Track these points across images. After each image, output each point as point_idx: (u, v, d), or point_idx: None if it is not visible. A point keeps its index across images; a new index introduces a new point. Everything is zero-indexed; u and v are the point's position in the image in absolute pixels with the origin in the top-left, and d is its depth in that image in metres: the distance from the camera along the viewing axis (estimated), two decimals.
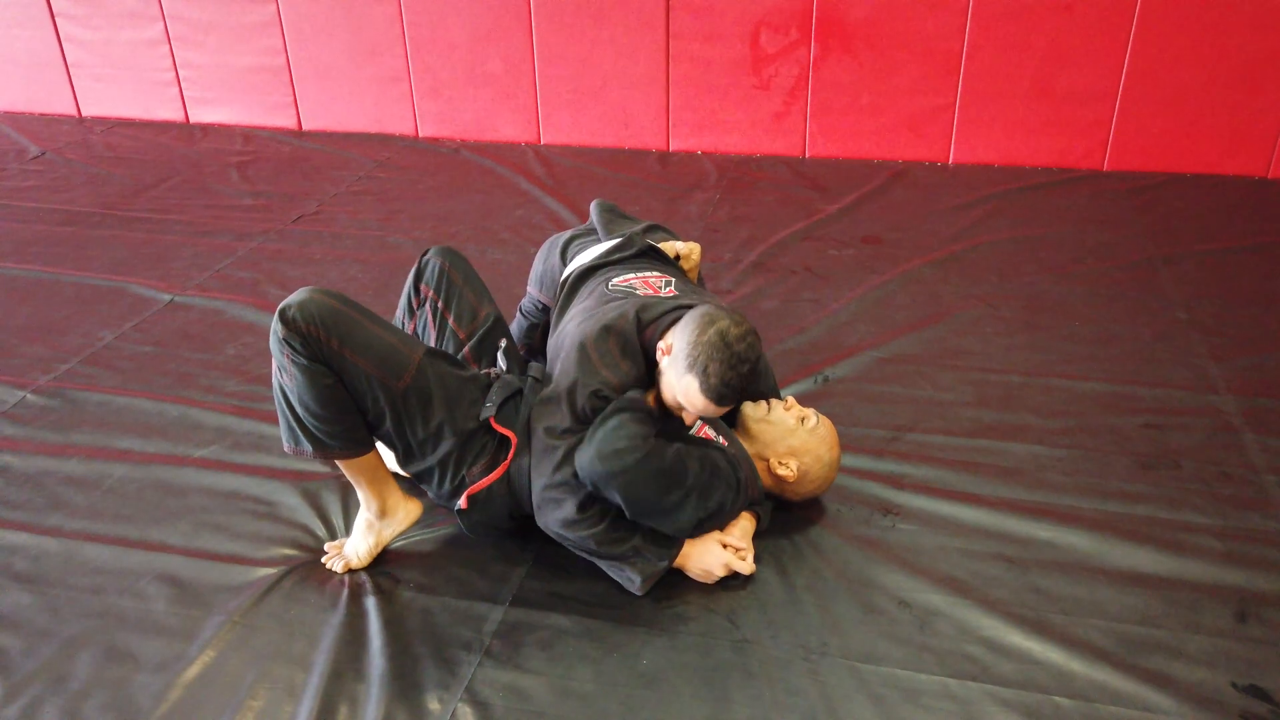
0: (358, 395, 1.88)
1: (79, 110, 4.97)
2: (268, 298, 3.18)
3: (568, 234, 2.42)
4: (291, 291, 3.14)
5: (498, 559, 2.07)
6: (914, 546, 2.08)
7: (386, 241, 3.60)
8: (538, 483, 1.91)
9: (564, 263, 2.33)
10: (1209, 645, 1.82)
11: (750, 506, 2.07)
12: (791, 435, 2.05)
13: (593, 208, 2.41)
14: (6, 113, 5.05)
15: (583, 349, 1.92)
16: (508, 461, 1.96)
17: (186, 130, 4.78)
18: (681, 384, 1.84)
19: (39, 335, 2.98)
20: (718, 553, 1.96)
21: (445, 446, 1.94)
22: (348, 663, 1.83)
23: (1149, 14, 3.73)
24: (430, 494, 2.05)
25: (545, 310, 2.44)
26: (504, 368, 2.10)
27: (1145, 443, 2.39)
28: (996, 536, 2.10)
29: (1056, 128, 4.00)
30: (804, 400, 2.50)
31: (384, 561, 2.07)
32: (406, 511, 2.05)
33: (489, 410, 1.95)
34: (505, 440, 1.98)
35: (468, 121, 4.55)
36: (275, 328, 1.82)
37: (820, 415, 2.11)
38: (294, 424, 1.88)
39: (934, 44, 3.95)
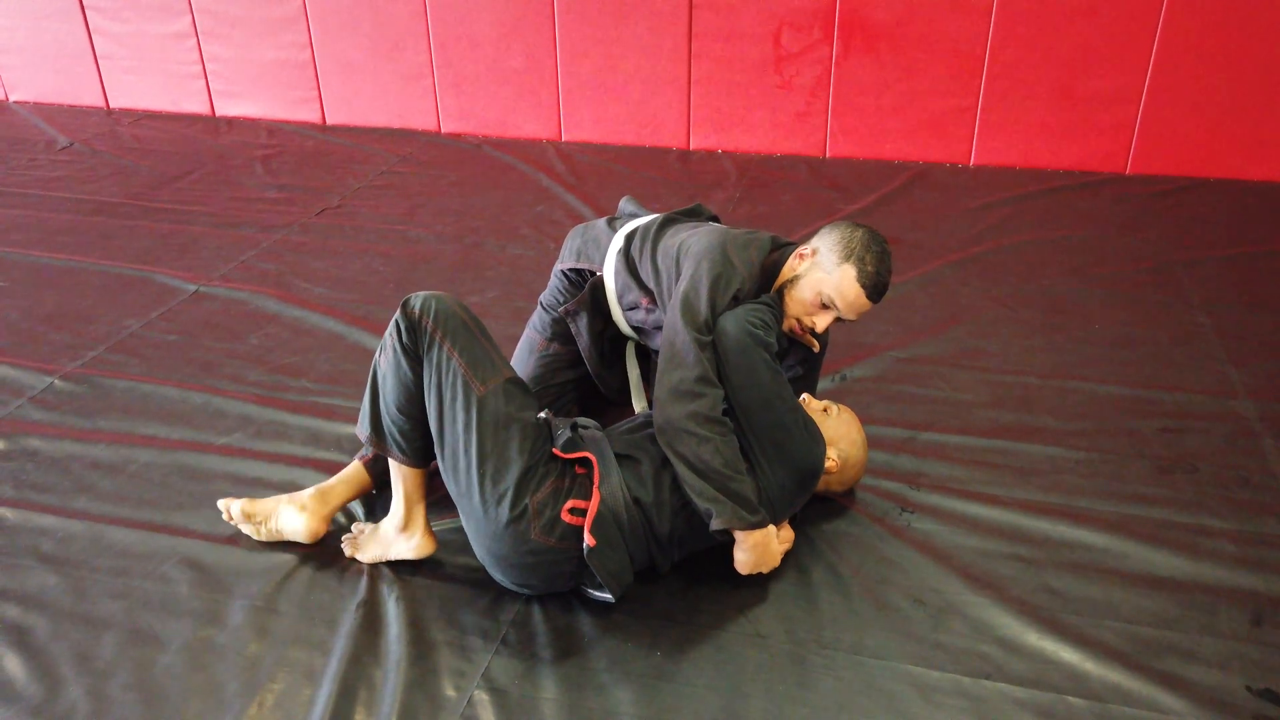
0: (441, 390, 1.84)
1: (107, 102, 5.03)
2: (291, 289, 3.21)
3: (604, 218, 2.41)
4: (314, 282, 3.23)
5: None
6: (929, 545, 2.08)
7: (408, 236, 3.63)
8: (680, 373, 1.87)
9: (612, 231, 2.29)
10: (1224, 648, 1.82)
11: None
12: (824, 424, 2.07)
13: (623, 200, 2.46)
14: (36, 103, 5.12)
15: (724, 252, 1.98)
16: (596, 483, 1.85)
17: (212, 123, 4.83)
18: (834, 276, 1.97)
19: (67, 322, 3.03)
20: (776, 550, 1.95)
21: (508, 469, 1.81)
22: (366, 648, 1.85)
23: (1174, 17, 3.72)
24: (480, 525, 1.86)
25: (579, 284, 2.35)
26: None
27: (1163, 446, 2.38)
28: (1012, 536, 2.10)
29: (1079, 130, 3.99)
30: (823, 399, 2.50)
31: None
32: (421, 544, 2.01)
33: (564, 435, 1.90)
34: (568, 467, 1.89)
35: (490, 117, 4.57)
36: (396, 314, 1.90)
37: (836, 403, 2.16)
38: (371, 407, 1.96)
39: (957, 45, 3.94)
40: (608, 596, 1.91)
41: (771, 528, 1.93)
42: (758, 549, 1.91)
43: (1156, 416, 2.49)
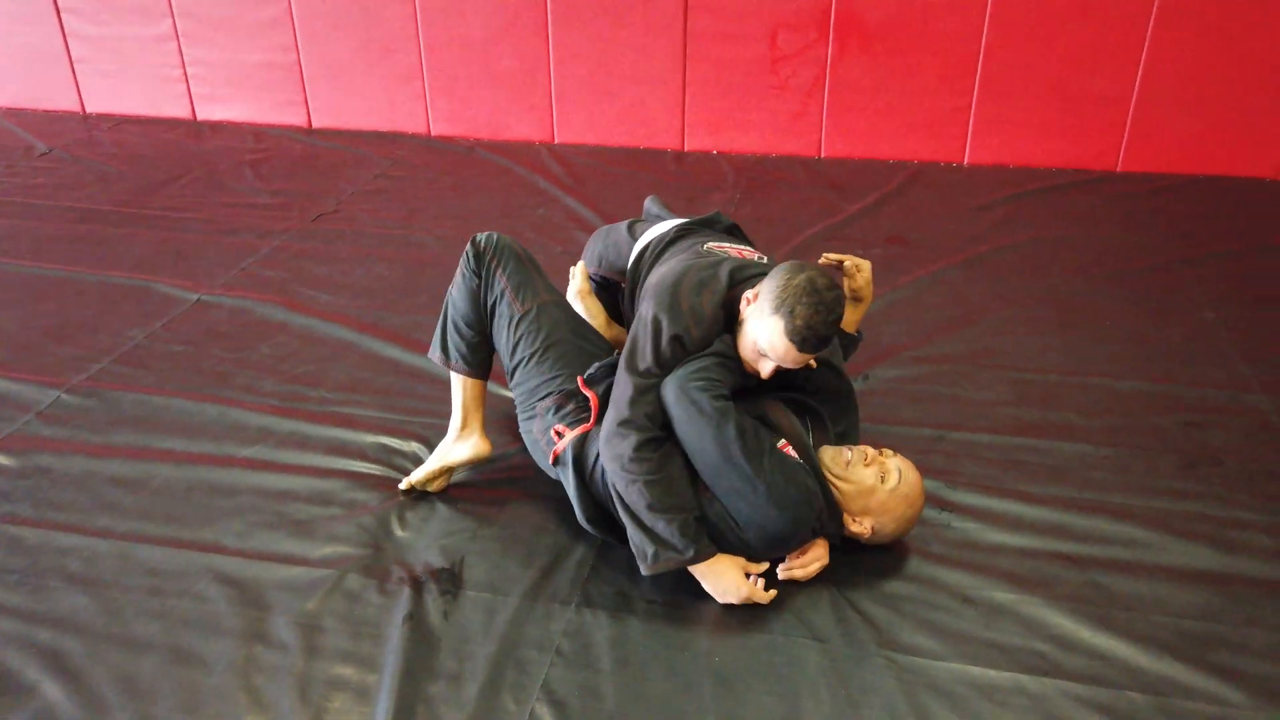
0: (494, 307, 2.14)
1: (83, 106, 4.90)
2: (296, 297, 3.15)
3: (626, 221, 2.42)
4: (319, 289, 3.19)
5: (562, 559, 2.06)
6: (971, 544, 2.09)
7: (410, 240, 3.58)
8: (612, 415, 1.90)
9: (632, 237, 2.32)
10: (1272, 639, 1.85)
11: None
12: (870, 495, 1.94)
13: (648, 200, 2.45)
14: (8, 108, 4.98)
15: (675, 294, 1.95)
16: (590, 425, 2.01)
17: (194, 127, 4.73)
18: (765, 326, 1.87)
19: (68, 335, 2.94)
20: (735, 580, 1.90)
21: (527, 368, 2.11)
22: (418, 663, 1.81)
23: (1165, 16, 3.78)
24: (522, 423, 2.17)
25: (603, 286, 2.42)
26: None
27: (1187, 441, 2.42)
28: (1052, 533, 2.12)
29: (1072, 129, 4.04)
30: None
31: (446, 561, 2.06)
32: (477, 444, 2.22)
33: (597, 368, 2.06)
34: (579, 396, 2.05)
35: (481, 120, 4.53)
36: (466, 247, 2.19)
37: (905, 467, 1.97)
38: (443, 329, 2.20)
39: (952, 45, 3.98)
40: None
41: (726, 558, 1.91)
42: (708, 578, 1.91)
43: (1178, 411, 2.53)
